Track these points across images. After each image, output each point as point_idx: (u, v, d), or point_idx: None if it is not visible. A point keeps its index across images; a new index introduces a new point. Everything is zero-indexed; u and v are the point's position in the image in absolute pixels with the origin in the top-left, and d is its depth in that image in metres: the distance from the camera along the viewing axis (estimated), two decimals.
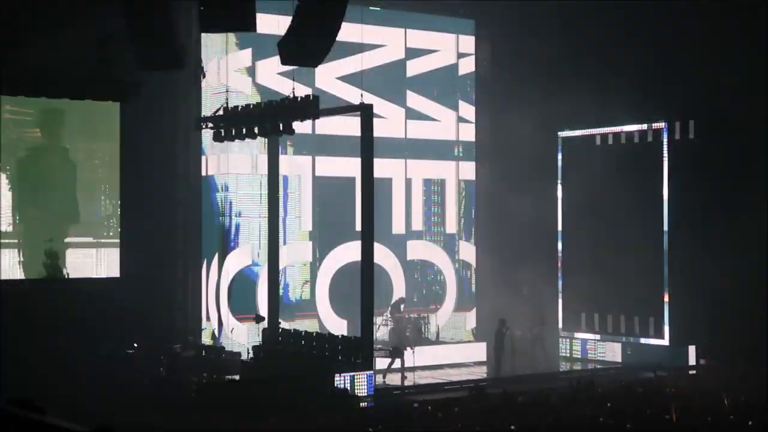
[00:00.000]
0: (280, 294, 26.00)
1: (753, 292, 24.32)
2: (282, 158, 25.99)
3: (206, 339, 25.75)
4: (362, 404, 21.18)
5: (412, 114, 29.55)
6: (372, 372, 22.04)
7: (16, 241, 23.64)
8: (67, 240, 24.18)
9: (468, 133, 30.53)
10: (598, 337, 27.62)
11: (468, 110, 30.51)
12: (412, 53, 29.59)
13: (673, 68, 25.99)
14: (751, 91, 24.82)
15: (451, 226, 30.35)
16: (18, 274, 23.65)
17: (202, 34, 25.55)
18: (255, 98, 25.70)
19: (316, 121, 24.56)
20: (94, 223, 24.69)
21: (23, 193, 23.81)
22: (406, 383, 23.80)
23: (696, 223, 25.37)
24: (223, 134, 23.54)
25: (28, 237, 23.80)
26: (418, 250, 29.73)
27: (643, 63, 26.52)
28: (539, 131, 28.53)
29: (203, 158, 26.47)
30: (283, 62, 20.01)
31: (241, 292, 26.60)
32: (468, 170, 30.52)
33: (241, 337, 25.97)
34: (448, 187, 30.31)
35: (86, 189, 24.58)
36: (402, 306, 28.17)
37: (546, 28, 28.30)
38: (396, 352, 24.50)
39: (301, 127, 23.36)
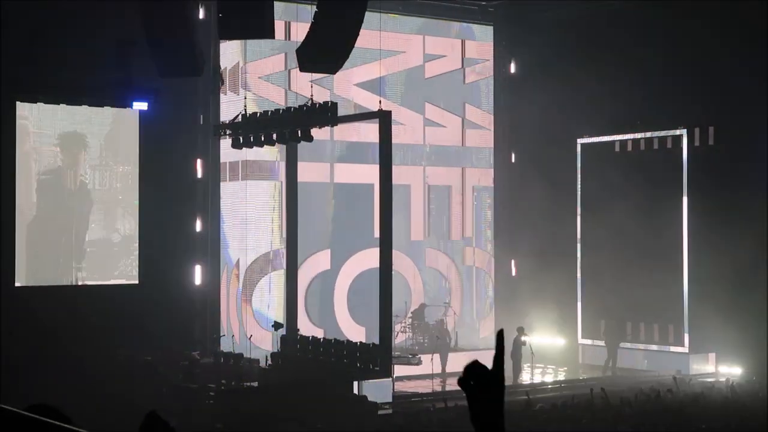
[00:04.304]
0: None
1: None
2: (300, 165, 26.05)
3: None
4: (381, 411, 21.14)
5: (430, 121, 29.57)
6: (391, 379, 22.01)
7: (31, 249, 23.77)
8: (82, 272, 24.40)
9: (487, 140, 30.50)
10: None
11: (486, 117, 30.49)
12: (431, 59, 29.60)
13: (693, 75, 25.86)
14: None
15: (467, 232, 30.40)
16: (33, 281, 23.77)
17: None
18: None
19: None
20: (110, 243, 24.83)
21: (39, 209, 23.94)
22: (424, 390, 23.74)
23: (716, 230, 25.21)
24: (241, 141, 23.57)
25: (43, 246, 23.90)
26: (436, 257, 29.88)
27: (663, 69, 26.41)
28: (558, 138, 28.46)
29: (222, 165, 26.53)
30: (302, 69, 20.04)
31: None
32: (486, 177, 30.50)
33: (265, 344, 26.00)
34: (462, 193, 30.33)
35: (105, 213, 24.70)
36: (425, 312, 28.14)
37: (565, 35, 28.23)
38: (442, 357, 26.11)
39: (319, 133, 23.39)
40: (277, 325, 24.65)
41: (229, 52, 26.80)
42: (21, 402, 3.16)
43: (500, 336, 2.72)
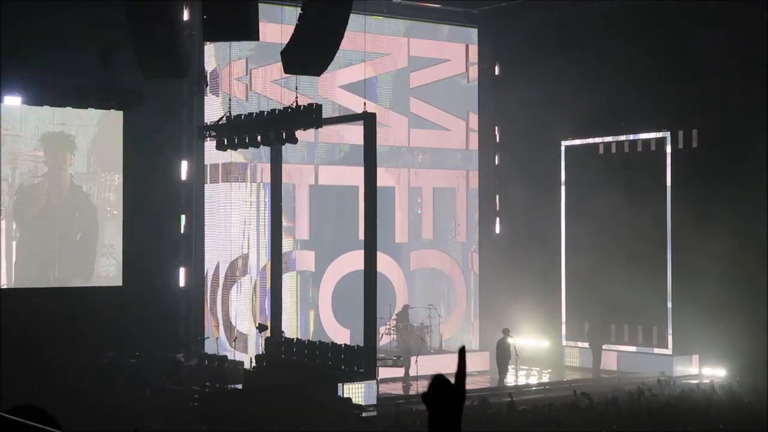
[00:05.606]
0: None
1: (757, 301, 24.23)
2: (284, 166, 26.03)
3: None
4: (365, 414, 21.14)
5: (414, 123, 29.57)
6: (375, 381, 22.00)
7: (15, 251, 23.69)
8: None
9: (471, 142, 30.52)
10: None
11: (471, 119, 30.50)
12: (416, 62, 29.61)
13: (677, 77, 25.94)
14: (755, 100, 24.76)
15: (461, 235, 30.43)
16: (18, 283, 23.68)
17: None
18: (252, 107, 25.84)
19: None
20: (94, 244, 24.76)
21: (23, 211, 23.87)
22: (411, 392, 23.77)
23: (699, 233, 25.28)
24: (225, 143, 23.54)
25: (27, 246, 23.82)
26: (426, 258, 29.85)
27: (647, 72, 26.48)
28: (542, 140, 28.51)
29: (206, 166, 26.47)
30: (287, 71, 20.01)
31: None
32: (471, 179, 30.52)
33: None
34: (455, 196, 30.34)
35: (89, 214, 24.63)
36: (408, 313, 28.10)
37: (549, 37, 28.29)
38: (403, 359, 24.68)
39: (303, 135, 23.39)
40: (261, 327, 24.63)
41: (213, 54, 26.76)
42: (5, 404, 3.15)
43: (462, 352, 2.91)
